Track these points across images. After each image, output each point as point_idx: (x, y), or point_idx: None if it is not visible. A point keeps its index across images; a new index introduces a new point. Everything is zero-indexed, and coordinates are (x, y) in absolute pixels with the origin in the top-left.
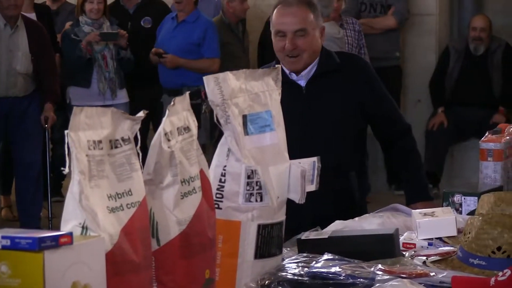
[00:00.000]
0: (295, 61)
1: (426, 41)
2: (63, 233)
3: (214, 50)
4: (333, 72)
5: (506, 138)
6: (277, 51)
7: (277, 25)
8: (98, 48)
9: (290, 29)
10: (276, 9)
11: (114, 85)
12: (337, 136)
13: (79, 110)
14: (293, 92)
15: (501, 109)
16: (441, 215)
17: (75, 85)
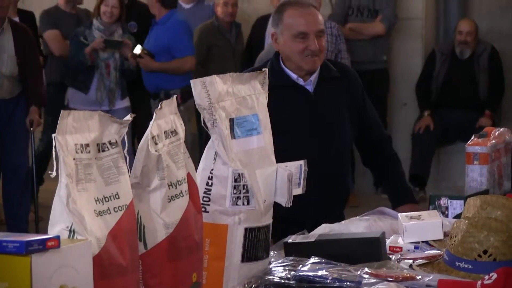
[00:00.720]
0: (316, 60)
1: (412, 45)
2: (50, 237)
3: (185, 48)
4: (333, 78)
5: (492, 141)
6: (295, 52)
7: (298, 26)
8: (103, 56)
9: (313, 30)
10: (290, 11)
11: (112, 95)
12: (341, 139)
13: (66, 113)
14: (302, 97)
15: (487, 112)
16: (427, 218)
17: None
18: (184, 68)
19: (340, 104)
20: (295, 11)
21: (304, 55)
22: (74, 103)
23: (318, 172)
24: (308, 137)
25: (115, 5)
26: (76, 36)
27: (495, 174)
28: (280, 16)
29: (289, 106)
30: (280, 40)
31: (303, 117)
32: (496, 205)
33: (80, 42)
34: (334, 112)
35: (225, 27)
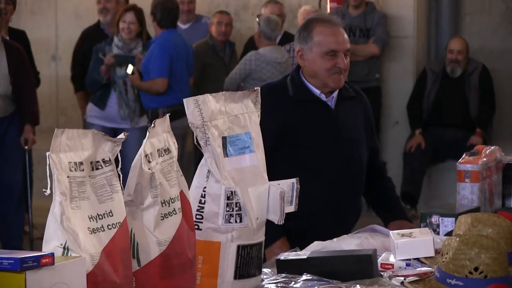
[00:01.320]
0: (341, 78)
1: (404, 64)
2: (44, 254)
3: (157, 70)
4: (350, 98)
5: (483, 159)
6: (323, 70)
7: (329, 44)
8: (120, 73)
9: (343, 48)
10: (319, 28)
11: (133, 112)
12: (360, 156)
13: (60, 132)
14: (325, 112)
15: (478, 130)
16: (418, 236)
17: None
18: (154, 89)
19: (358, 123)
20: (325, 28)
21: (331, 72)
22: (92, 118)
23: (337, 188)
24: (330, 152)
25: (133, 21)
26: (96, 52)
27: (486, 192)
28: (309, 33)
29: (313, 120)
30: (307, 56)
31: (325, 132)
32: (487, 223)
33: (99, 58)
34: (354, 130)
35: (219, 46)
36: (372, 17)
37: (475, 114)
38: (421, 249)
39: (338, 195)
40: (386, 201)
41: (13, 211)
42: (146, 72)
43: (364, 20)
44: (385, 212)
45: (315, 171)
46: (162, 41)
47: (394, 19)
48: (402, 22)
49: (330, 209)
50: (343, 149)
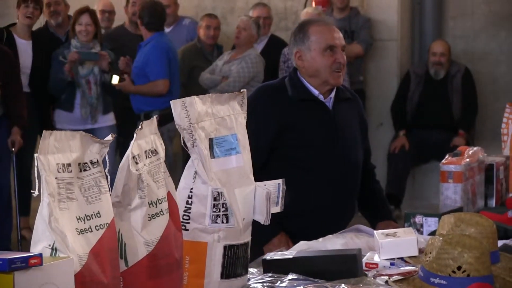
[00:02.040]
0: (341, 76)
1: (388, 66)
2: (32, 255)
3: (158, 72)
4: (346, 100)
5: (466, 160)
6: (324, 67)
7: (328, 40)
8: (83, 73)
9: (340, 44)
10: (315, 27)
11: (95, 110)
12: (356, 157)
13: (48, 133)
14: (323, 112)
15: (461, 132)
16: (402, 235)
17: (59, 108)
18: (156, 91)
19: (354, 124)
20: (320, 27)
21: (332, 69)
22: (60, 123)
23: (334, 187)
24: (328, 152)
25: (89, 22)
26: (56, 57)
27: (469, 192)
28: (305, 34)
29: (311, 120)
30: (306, 56)
31: (323, 132)
32: (470, 223)
33: (60, 61)
34: (350, 131)
35: (207, 49)
36: (356, 20)
37: (458, 116)
38: (405, 249)
39: (335, 195)
40: (375, 203)
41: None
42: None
43: (349, 23)
44: (373, 213)
45: (312, 170)
46: (157, 43)
47: (378, 22)
48: (386, 25)
49: (327, 208)
50: (340, 149)
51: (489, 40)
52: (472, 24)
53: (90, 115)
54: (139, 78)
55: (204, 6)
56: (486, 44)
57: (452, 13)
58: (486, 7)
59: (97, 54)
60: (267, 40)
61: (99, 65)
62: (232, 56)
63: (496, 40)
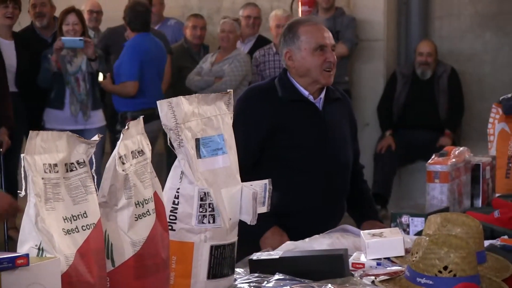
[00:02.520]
0: (331, 75)
1: (374, 66)
2: (19, 255)
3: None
4: (336, 100)
5: (452, 160)
6: (315, 67)
7: (319, 39)
8: (71, 70)
9: (330, 43)
10: (304, 27)
11: (85, 107)
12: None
13: (35, 134)
14: (313, 113)
15: (447, 132)
16: (389, 235)
17: (49, 106)
18: (125, 92)
19: (344, 124)
20: (310, 27)
21: (322, 68)
22: (50, 123)
23: (325, 187)
24: (318, 152)
25: (76, 22)
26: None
27: (455, 192)
28: (295, 33)
29: (301, 121)
30: (296, 56)
31: (314, 132)
32: (456, 223)
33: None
34: (340, 131)
35: (194, 49)
36: (341, 20)
37: (444, 116)
38: (392, 249)
39: (325, 195)
40: (362, 203)
41: None
42: (117, 75)
43: (334, 23)
44: (359, 213)
45: (303, 171)
46: (133, 44)
47: (364, 23)
48: (373, 26)
49: (317, 209)
50: (330, 150)
51: (475, 41)
52: (458, 24)
53: (80, 112)
54: (116, 77)
55: (190, 6)
56: (471, 44)
57: (438, 13)
58: (472, 8)
59: (82, 40)
60: (255, 40)
61: (85, 53)
62: (217, 57)
63: (481, 40)
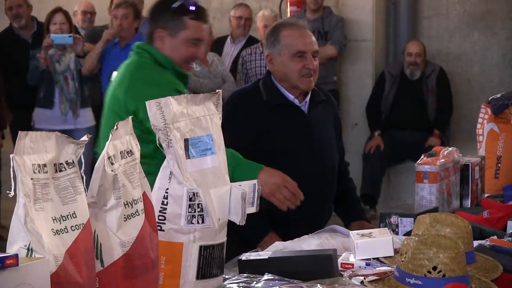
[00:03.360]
0: (311, 81)
1: (362, 66)
2: (8, 255)
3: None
4: (321, 102)
5: (441, 160)
6: (293, 72)
7: (299, 46)
8: (60, 69)
9: (311, 49)
10: (286, 31)
11: (75, 105)
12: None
13: (24, 134)
14: (298, 117)
15: (436, 132)
16: (378, 235)
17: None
18: None
19: (329, 126)
20: (292, 31)
21: (301, 74)
22: (39, 123)
23: (312, 189)
24: (304, 155)
25: (63, 21)
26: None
27: (444, 193)
28: (276, 37)
29: (287, 125)
30: (276, 60)
31: (300, 136)
32: (445, 223)
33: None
34: (326, 133)
35: None
36: (329, 20)
37: (433, 116)
38: (381, 249)
39: (311, 199)
40: (348, 202)
41: None
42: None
43: (322, 24)
44: (347, 212)
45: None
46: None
47: (352, 23)
48: (361, 26)
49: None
50: (316, 153)
51: (463, 41)
52: (446, 24)
53: (70, 110)
54: None
55: None
56: (460, 44)
57: (427, 13)
58: (460, 8)
59: (72, 37)
60: (245, 40)
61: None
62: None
63: (470, 40)
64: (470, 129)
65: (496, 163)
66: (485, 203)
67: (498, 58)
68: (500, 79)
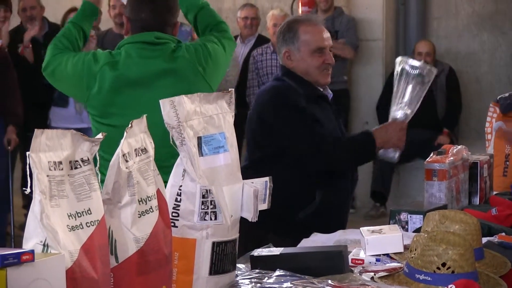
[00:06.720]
0: (329, 74)
1: (373, 66)
2: (25, 251)
3: None
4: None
5: (450, 158)
6: (313, 67)
7: (318, 42)
8: None
9: (329, 44)
10: (304, 27)
11: None
12: None
13: (40, 132)
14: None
15: (445, 130)
16: (388, 232)
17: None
18: None
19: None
20: (310, 27)
21: (321, 69)
22: (55, 122)
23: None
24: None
25: None
26: None
27: (453, 190)
28: (294, 34)
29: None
30: (296, 56)
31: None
32: (454, 220)
33: None
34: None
35: None
36: (340, 20)
37: (442, 115)
38: (391, 245)
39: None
40: None
41: None
42: None
43: (333, 23)
44: None
45: None
46: None
47: (363, 22)
48: (371, 25)
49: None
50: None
51: (472, 40)
52: (455, 24)
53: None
54: None
55: None
56: (469, 44)
57: (436, 13)
58: (469, 8)
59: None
60: (255, 40)
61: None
62: None
63: (478, 40)
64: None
65: (504, 161)
66: (494, 201)
67: (507, 58)
68: (508, 78)
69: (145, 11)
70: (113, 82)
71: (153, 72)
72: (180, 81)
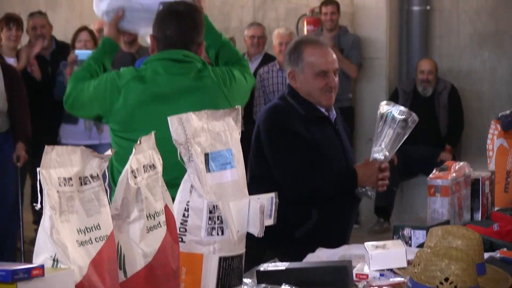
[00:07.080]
0: (333, 96)
1: (376, 83)
2: (35, 266)
3: None
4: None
5: (453, 174)
6: (315, 89)
7: (322, 65)
8: None
9: (333, 68)
10: (309, 50)
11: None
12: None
13: (50, 148)
14: (330, 127)
15: (447, 147)
16: (392, 247)
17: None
18: None
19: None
20: (314, 50)
21: (323, 91)
22: (65, 138)
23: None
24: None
25: (88, 39)
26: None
27: (455, 206)
28: (299, 55)
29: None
30: (299, 77)
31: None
32: (456, 235)
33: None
34: (348, 141)
35: None
36: (345, 39)
37: (444, 132)
38: (394, 260)
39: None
40: None
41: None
42: None
43: (338, 41)
44: None
45: None
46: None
47: (367, 41)
48: (375, 44)
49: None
50: (345, 161)
51: (473, 59)
52: (457, 43)
53: (94, 126)
54: None
55: None
56: (470, 62)
57: (439, 32)
58: (471, 27)
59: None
60: (261, 58)
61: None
62: None
63: (480, 58)
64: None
65: (505, 178)
66: (495, 217)
67: (507, 76)
68: (509, 96)
69: (170, 28)
70: (140, 95)
71: (180, 89)
72: (205, 100)
